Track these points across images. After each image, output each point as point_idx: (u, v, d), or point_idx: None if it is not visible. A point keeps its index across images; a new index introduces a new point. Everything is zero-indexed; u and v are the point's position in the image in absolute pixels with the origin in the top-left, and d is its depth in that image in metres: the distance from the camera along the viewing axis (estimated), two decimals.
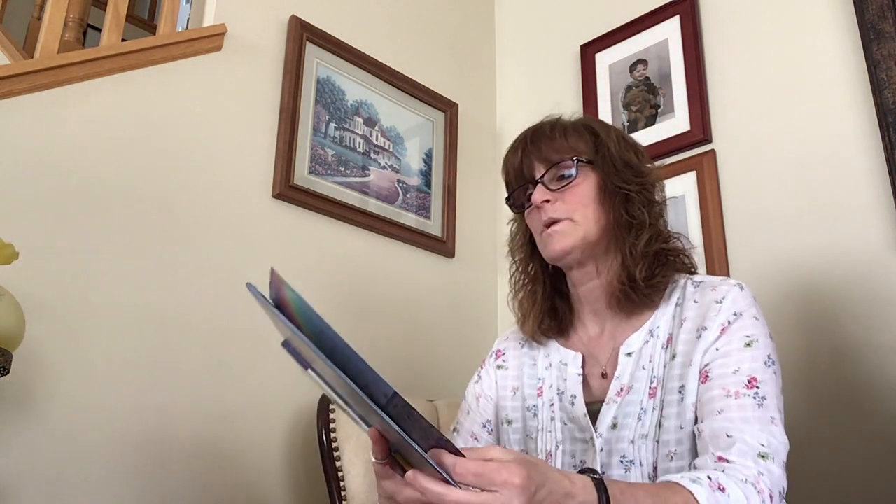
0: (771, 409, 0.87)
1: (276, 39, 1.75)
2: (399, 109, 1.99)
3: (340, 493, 1.33)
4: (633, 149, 1.08)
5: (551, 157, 1.05)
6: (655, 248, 1.01)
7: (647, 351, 0.99)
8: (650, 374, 0.97)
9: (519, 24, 2.34)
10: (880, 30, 1.48)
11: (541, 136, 1.07)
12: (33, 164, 1.31)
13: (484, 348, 1.98)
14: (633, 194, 1.02)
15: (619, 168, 1.03)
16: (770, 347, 0.92)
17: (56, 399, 1.25)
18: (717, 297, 0.96)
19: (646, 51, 1.93)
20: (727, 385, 0.88)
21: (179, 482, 1.37)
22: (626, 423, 0.96)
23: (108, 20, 1.61)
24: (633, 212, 1.02)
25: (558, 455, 1.01)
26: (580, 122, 1.10)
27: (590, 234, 1.02)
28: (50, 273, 1.28)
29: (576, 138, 1.06)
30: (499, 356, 1.19)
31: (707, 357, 0.92)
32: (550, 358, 1.10)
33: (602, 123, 1.10)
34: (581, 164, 1.04)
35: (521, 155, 1.08)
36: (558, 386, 1.06)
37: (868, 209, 1.44)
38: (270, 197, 1.64)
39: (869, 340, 1.38)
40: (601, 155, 1.04)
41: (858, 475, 1.34)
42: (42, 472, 1.21)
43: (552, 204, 1.03)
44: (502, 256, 2.14)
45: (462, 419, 1.17)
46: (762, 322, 0.94)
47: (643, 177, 1.05)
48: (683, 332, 0.96)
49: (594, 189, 1.03)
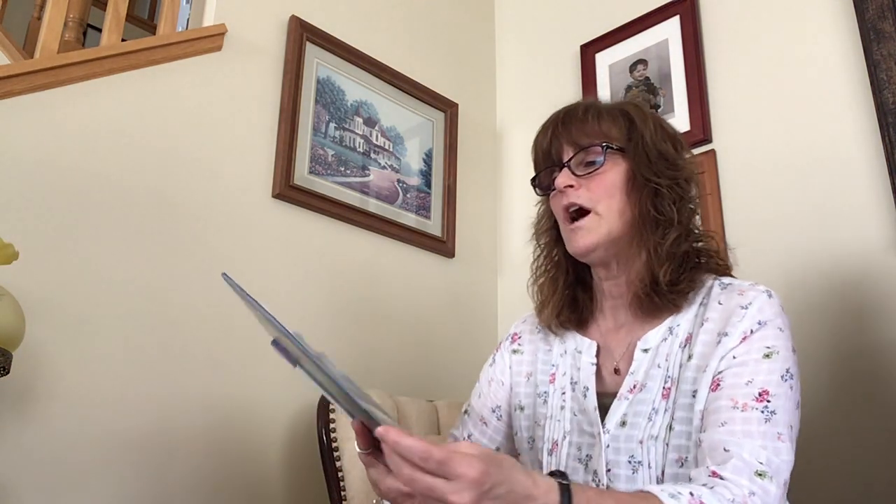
0: (780, 424, 0.82)
1: (276, 39, 1.75)
2: (399, 109, 1.99)
3: (340, 493, 1.32)
4: (670, 139, 1.02)
5: (580, 141, 1.00)
6: (683, 248, 0.96)
7: (664, 349, 0.95)
8: (665, 374, 0.93)
9: (519, 24, 2.34)
10: (880, 30, 1.48)
11: (572, 118, 1.02)
12: (33, 164, 1.31)
13: (484, 348, 1.98)
14: (663, 189, 0.96)
15: (653, 159, 0.98)
16: (790, 360, 0.87)
17: (56, 399, 1.25)
18: (743, 303, 0.91)
19: (646, 51, 1.93)
20: (736, 396, 0.85)
21: (180, 482, 1.37)
22: (636, 422, 0.92)
23: (108, 20, 1.61)
24: (662, 207, 0.96)
25: (564, 446, 0.98)
26: (616, 106, 1.03)
27: (614, 229, 0.97)
28: (50, 273, 1.28)
29: (609, 123, 1.00)
30: (514, 340, 1.16)
31: (723, 364, 0.88)
32: (566, 344, 1.06)
33: (640, 109, 1.03)
34: (610, 151, 0.98)
35: (550, 136, 1.03)
36: (572, 375, 1.03)
37: (868, 209, 1.44)
38: (270, 197, 1.64)
39: (869, 340, 1.38)
40: (634, 143, 0.99)
41: (857, 476, 1.34)
42: (42, 471, 1.21)
43: (576, 190, 0.98)
44: (502, 256, 2.15)
45: (473, 402, 1.15)
46: (786, 334, 0.90)
47: (677, 170, 0.99)
48: (703, 332, 0.92)
49: (622, 178, 0.98)
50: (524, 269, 2.23)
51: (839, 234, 1.47)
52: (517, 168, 2.18)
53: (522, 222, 2.12)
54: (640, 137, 0.99)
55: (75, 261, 1.32)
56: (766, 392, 0.84)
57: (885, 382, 1.35)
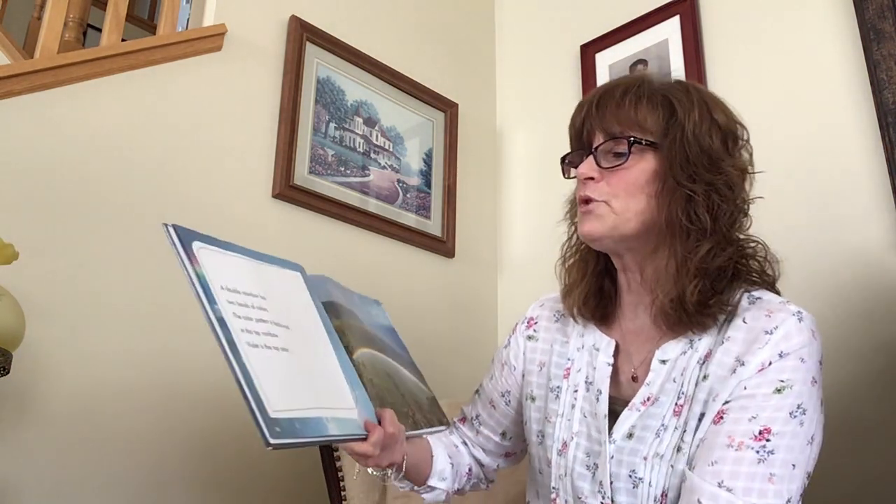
0: (775, 465, 0.77)
1: (276, 39, 1.75)
2: (399, 109, 1.99)
3: (340, 494, 1.33)
4: (720, 132, 0.90)
5: (611, 129, 0.90)
6: (718, 262, 0.86)
7: (682, 362, 0.88)
8: (679, 389, 0.87)
9: (519, 24, 2.34)
10: (880, 30, 1.48)
11: (608, 101, 0.91)
12: (33, 164, 1.31)
13: (484, 348, 1.99)
14: (697, 196, 0.85)
15: (691, 157, 0.86)
16: (805, 395, 0.81)
17: (56, 399, 1.25)
18: (769, 326, 0.83)
19: (646, 51, 1.93)
20: (735, 433, 0.79)
21: (179, 482, 1.37)
22: (644, 436, 0.87)
23: (108, 20, 1.61)
24: (694, 214, 0.86)
25: (572, 447, 0.93)
26: (662, 88, 0.92)
27: (623, 227, 0.89)
28: (50, 273, 1.29)
29: (647, 111, 0.89)
30: (530, 325, 1.09)
31: (733, 394, 0.82)
32: (584, 339, 1.00)
33: (688, 94, 0.91)
34: (637, 147, 0.88)
35: (583, 117, 0.94)
36: (587, 373, 0.96)
37: (868, 209, 1.44)
38: (270, 197, 1.64)
39: (869, 341, 1.38)
40: (671, 138, 0.88)
41: (856, 476, 1.34)
42: (42, 471, 1.21)
43: (596, 182, 0.90)
44: (502, 256, 2.15)
45: (485, 383, 1.13)
46: (808, 364, 0.82)
47: (718, 172, 0.87)
48: (722, 352, 0.85)
49: (647, 177, 0.88)
50: (524, 269, 2.22)
51: (839, 234, 1.47)
52: (517, 168, 2.18)
53: (522, 222, 2.13)
54: (679, 131, 0.88)
55: (75, 261, 1.32)
56: (768, 430, 0.79)
57: (886, 383, 1.35)
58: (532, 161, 2.14)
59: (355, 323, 1.01)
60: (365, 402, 0.86)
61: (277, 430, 0.69)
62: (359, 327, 1.02)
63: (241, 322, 0.74)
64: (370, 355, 0.98)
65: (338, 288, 1.04)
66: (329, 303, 0.97)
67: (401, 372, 1.05)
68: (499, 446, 1.12)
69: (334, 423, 0.77)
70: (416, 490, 1.04)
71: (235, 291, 0.76)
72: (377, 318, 1.10)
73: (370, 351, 0.99)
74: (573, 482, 0.92)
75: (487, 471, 1.14)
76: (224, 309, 0.72)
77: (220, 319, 0.70)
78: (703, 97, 0.92)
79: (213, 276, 0.74)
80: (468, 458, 1.12)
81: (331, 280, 1.02)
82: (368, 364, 0.96)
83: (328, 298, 0.97)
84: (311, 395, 0.77)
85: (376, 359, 1.00)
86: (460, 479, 1.09)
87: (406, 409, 0.98)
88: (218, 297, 0.72)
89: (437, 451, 1.05)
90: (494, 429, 1.11)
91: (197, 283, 0.71)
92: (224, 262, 0.78)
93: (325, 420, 0.76)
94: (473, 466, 1.12)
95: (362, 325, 1.04)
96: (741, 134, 0.93)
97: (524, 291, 2.03)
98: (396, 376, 1.02)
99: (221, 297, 0.73)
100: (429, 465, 1.03)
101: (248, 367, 0.70)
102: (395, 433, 0.87)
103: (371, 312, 1.10)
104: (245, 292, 0.78)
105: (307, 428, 0.73)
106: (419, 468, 1.01)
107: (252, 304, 0.78)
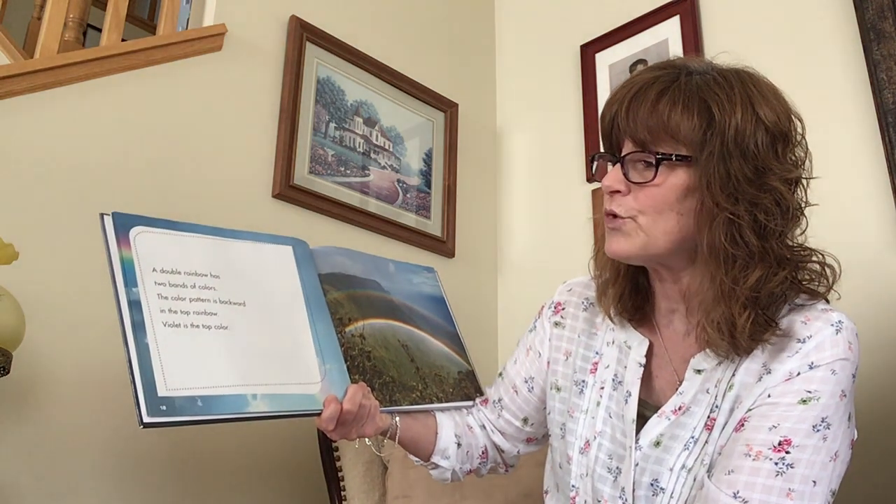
0: (795, 479, 0.73)
1: (276, 39, 1.75)
2: (399, 109, 1.99)
3: (340, 494, 1.33)
4: (766, 133, 0.79)
5: (641, 135, 0.81)
6: (772, 286, 0.78)
7: (716, 374, 0.83)
8: (712, 401, 0.82)
9: (519, 24, 2.34)
10: (880, 30, 1.48)
11: (641, 101, 0.81)
12: (33, 164, 1.32)
13: (484, 348, 1.98)
14: (740, 220, 0.77)
15: (732, 171, 0.77)
16: (832, 408, 0.76)
17: (56, 399, 1.25)
18: (802, 335, 0.78)
19: (646, 51, 1.93)
20: (753, 442, 0.76)
21: (179, 482, 1.37)
22: (672, 445, 0.83)
23: (108, 20, 1.62)
24: (740, 237, 0.77)
25: (594, 447, 0.90)
26: (701, 89, 0.80)
27: (653, 246, 0.82)
28: (50, 273, 1.28)
29: (682, 116, 0.79)
30: (557, 310, 1.03)
31: (756, 402, 0.78)
32: (615, 333, 0.94)
33: (729, 94, 0.80)
34: (667, 163, 0.79)
35: (612, 117, 0.85)
36: (616, 371, 0.92)
37: (868, 209, 1.44)
38: (270, 197, 1.64)
39: (869, 341, 1.38)
40: (708, 151, 0.77)
41: (855, 477, 1.34)
42: (42, 471, 1.21)
43: (623, 196, 0.83)
44: (502, 256, 2.15)
45: (508, 367, 1.08)
46: (839, 377, 0.76)
47: (762, 189, 0.77)
48: (751, 359, 0.81)
49: (678, 194, 0.80)
50: (524, 269, 2.22)
51: (839, 234, 1.47)
52: (517, 168, 2.18)
53: (522, 222, 2.13)
54: (718, 141, 0.77)
55: (75, 261, 1.32)
56: (788, 442, 0.74)
57: (886, 383, 1.35)
58: (532, 161, 2.14)
59: (372, 293, 0.98)
60: (341, 375, 0.85)
61: (162, 409, 0.70)
62: (375, 297, 0.99)
63: (165, 303, 0.75)
64: (380, 326, 0.96)
65: (357, 258, 1.01)
66: (331, 274, 0.95)
67: (427, 342, 1.02)
68: (520, 431, 1.07)
69: (265, 400, 0.77)
70: (423, 465, 1.03)
71: (174, 272, 0.77)
72: (420, 286, 1.07)
73: (384, 321, 0.97)
74: (594, 484, 0.89)
75: (507, 456, 1.09)
76: (146, 291, 0.73)
77: (133, 302, 0.72)
78: (748, 91, 0.81)
79: (147, 259, 0.75)
80: (483, 440, 1.07)
81: (348, 251, 1.00)
82: (370, 336, 0.94)
83: (333, 270, 0.95)
84: (238, 372, 0.77)
85: (389, 329, 0.97)
86: (471, 460, 1.05)
87: (414, 382, 0.96)
88: (142, 280, 0.73)
89: (442, 428, 1.02)
90: (516, 414, 1.06)
91: (118, 268, 0.73)
92: (170, 244, 0.79)
93: (249, 397, 0.76)
94: (490, 450, 1.08)
95: (384, 294, 1.00)
96: (793, 131, 0.82)
97: (524, 291, 2.03)
98: (417, 348, 1.00)
99: (148, 279, 0.74)
100: (431, 442, 1.01)
101: (152, 346, 0.71)
102: (352, 409, 0.85)
103: (412, 280, 1.06)
104: (188, 272, 0.78)
105: (212, 405, 0.73)
106: (418, 443, 1.00)
107: (193, 283, 0.78)
